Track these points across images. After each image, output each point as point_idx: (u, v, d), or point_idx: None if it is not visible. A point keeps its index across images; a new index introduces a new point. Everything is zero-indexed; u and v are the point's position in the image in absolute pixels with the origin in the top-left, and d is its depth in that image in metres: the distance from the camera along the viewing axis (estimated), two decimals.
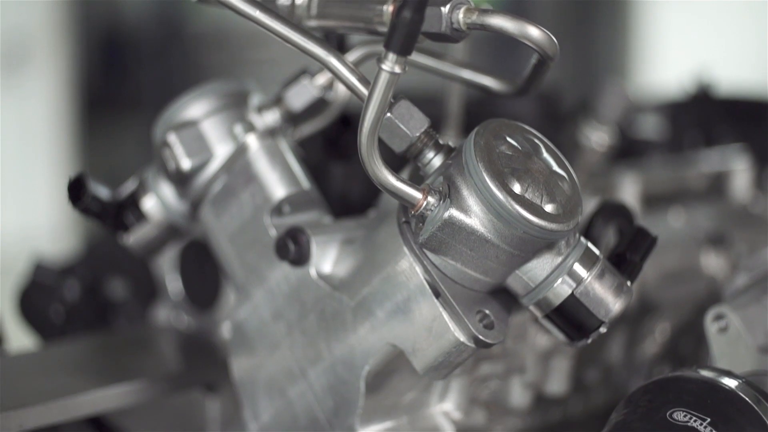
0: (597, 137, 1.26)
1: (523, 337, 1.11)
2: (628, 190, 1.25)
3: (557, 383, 1.16)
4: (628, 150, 1.43)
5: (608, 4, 5.62)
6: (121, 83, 5.73)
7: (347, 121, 1.16)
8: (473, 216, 0.87)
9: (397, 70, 0.83)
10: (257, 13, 0.91)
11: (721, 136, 1.53)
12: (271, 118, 1.04)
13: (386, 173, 0.87)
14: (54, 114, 4.62)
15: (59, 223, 4.52)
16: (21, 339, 1.33)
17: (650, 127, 1.45)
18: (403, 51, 0.83)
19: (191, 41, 5.56)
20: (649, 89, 1.31)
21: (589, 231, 1.01)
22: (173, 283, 1.19)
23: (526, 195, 0.87)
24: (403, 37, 0.82)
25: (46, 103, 4.61)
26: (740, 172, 1.43)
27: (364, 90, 0.89)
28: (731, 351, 1.01)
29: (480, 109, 1.24)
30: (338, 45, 1.05)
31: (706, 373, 0.89)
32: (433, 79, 1.09)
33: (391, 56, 0.83)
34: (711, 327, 1.02)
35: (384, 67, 0.83)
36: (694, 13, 5.09)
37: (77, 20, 4.97)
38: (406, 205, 0.89)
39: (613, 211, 1.02)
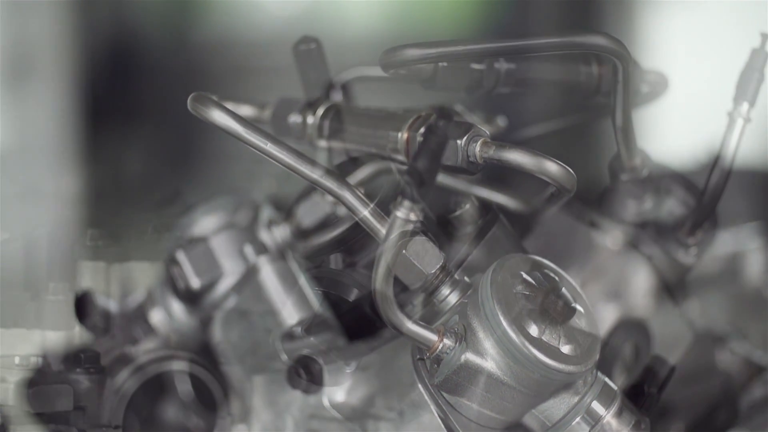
0: (612, 236, 1.24)
1: None
2: (641, 286, 1.23)
3: None
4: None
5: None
6: (126, 93, 5.71)
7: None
8: (489, 359, 0.86)
9: (413, 217, 0.82)
10: (268, 146, 0.89)
11: (734, 211, 1.50)
12: (281, 234, 1.02)
13: (401, 317, 0.85)
14: (58, 125, 4.59)
15: (62, 236, 4.50)
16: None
17: (665, 207, 1.43)
18: (419, 200, 0.81)
19: (196, 50, 5.53)
20: (659, 156, 1.28)
21: (605, 349, 0.99)
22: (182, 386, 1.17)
23: (543, 337, 0.85)
24: (419, 188, 0.80)
25: (50, 116, 4.58)
26: (754, 252, 1.41)
27: (379, 226, 0.87)
28: None
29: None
30: (350, 159, 1.03)
31: None
32: None
33: (407, 203, 0.81)
34: None
35: (399, 214, 0.82)
36: (702, 75, 5.05)
37: (80, 30, 4.94)
38: (421, 347, 0.87)
39: (630, 330, 1.01)
